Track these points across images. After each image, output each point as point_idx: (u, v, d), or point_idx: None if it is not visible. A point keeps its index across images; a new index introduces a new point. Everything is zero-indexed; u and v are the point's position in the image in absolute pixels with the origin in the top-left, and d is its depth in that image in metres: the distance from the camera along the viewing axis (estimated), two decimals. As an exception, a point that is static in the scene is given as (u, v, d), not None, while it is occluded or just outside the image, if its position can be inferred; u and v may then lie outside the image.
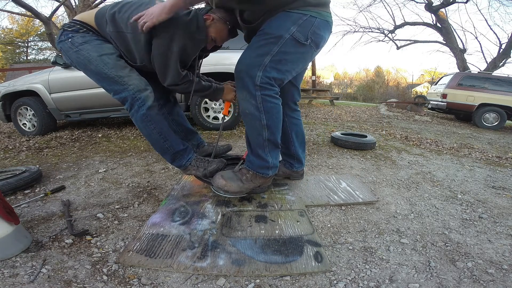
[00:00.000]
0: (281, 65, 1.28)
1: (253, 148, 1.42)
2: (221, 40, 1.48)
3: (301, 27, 1.25)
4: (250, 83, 1.27)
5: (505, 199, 1.81)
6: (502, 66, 11.12)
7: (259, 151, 1.39)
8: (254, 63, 1.26)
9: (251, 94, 1.28)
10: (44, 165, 2.31)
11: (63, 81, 3.40)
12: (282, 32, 1.25)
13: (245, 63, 1.29)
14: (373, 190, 1.83)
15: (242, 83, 1.30)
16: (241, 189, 1.46)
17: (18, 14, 11.12)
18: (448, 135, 4.65)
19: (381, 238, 1.31)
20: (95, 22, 1.43)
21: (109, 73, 1.37)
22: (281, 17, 1.27)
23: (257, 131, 1.35)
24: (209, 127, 3.40)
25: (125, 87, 1.38)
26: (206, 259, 1.11)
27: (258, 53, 1.27)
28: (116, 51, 1.43)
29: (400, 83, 26.57)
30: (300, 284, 1.01)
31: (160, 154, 1.59)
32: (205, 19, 1.38)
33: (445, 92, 7.10)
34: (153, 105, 1.45)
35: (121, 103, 1.44)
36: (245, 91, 1.30)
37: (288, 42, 1.25)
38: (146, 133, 1.49)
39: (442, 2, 10.98)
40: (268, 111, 1.30)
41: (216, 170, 1.54)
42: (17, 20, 21.50)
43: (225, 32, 1.44)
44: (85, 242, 1.22)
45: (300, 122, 1.70)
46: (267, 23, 1.30)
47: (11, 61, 22.91)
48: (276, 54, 1.26)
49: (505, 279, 1.06)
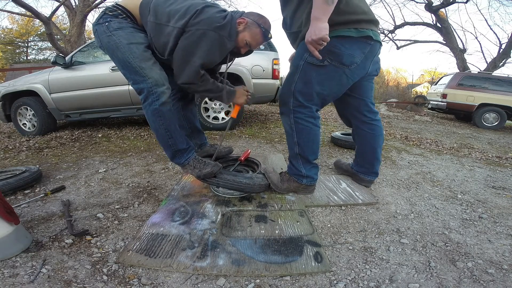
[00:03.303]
0: (307, 89, 1.45)
1: (290, 156, 1.65)
2: (256, 44, 1.51)
3: (325, 49, 1.31)
4: (286, 108, 1.53)
5: (505, 199, 1.81)
6: (502, 66, 11.12)
7: (293, 161, 1.63)
8: (286, 92, 1.51)
9: (287, 115, 1.53)
10: (44, 165, 2.31)
11: (63, 81, 3.40)
12: (298, 62, 1.45)
13: (282, 91, 1.55)
14: (373, 190, 1.83)
15: (283, 105, 1.55)
16: (278, 183, 1.65)
17: (18, 14, 11.10)
18: (448, 135, 4.65)
19: (381, 238, 1.31)
20: (140, 9, 1.44)
21: (132, 62, 1.39)
22: (300, 46, 1.44)
23: (290, 145, 1.60)
24: (209, 127, 3.40)
25: (145, 79, 1.40)
26: (206, 259, 1.11)
27: (288, 81, 1.51)
28: (145, 42, 1.45)
29: (400, 83, 26.53)
30: (300, 284, 1.01)
31: (163, 148, 1.60)
32: (239, 23, 1.41)
33: (445, 92, 7.10)
34: (166, 102, 1.46)
35: (137, 93, 1.46)
36: (284, 114, 1.56)
37: (304, 68, 1.43)
38: (154, 127, 1.50)
39: (442, 2, 10.97)
40: (298, 131, 1.53)
41: (209, 174, 1.54)
42: (17, 20, 21.47)
43: (259, 36, 1.47)
44: (85, 242, 1.22)
45: (368, 134, 1.77)
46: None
47: (11, 61, 22.91)
48: (297, 82, 1.46)
49: (505, 279, 1.06)
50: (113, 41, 1.39)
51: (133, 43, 1.40)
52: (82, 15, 8.21)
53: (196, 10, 1.36)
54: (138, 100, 3.33)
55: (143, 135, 3.33)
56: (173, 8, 1.39)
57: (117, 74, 3.30)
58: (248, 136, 3.31)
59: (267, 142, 3.04)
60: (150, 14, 1.41)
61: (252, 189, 1.58)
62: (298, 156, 1.58)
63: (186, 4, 1.40)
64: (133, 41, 1.40)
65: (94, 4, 8.49)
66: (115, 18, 1.42)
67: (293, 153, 1.59)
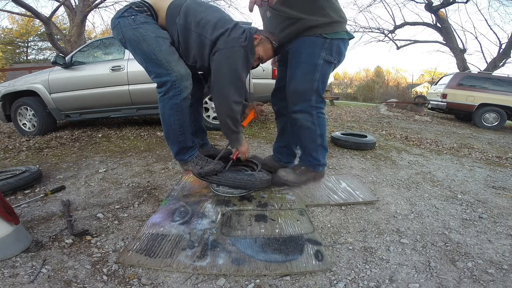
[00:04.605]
0: (324, 85, 1.60)
1: (306, 150, 1.70)
2: (267, 58, 1.60)
3: (328, 50, 1.52)
4: (306, 105, 1.57)
5: (505, 199, 1.81)
6: (502, 66, 11.09)
7: (313, 154, 1.68)
8: (308, 90, 1.56)
9: (308, 113, 1.58)
10: (44, 165, 2.31)
11: (63, 81, 3.40)
12: (315, 60, 1.53)
13: (299, 89, 1.57)
14: (373, 190, 1.83)
15: (301, 103, 1.58)
16: (297, 180, 1.71)
17: (18, 14, 11.09)
18: (448, 135, 4.65)
19: (381, 238, 1.31)
20: (168, 10, 1.48)
21: (159, 55, 1.40)
22: (308, 45, 1.52)
23: (310, 139, 1.65)
24: (209, 127, 3.40)
25: (169, 72, 1.41)
26: (206, 258, 1.11)
27: (305, 79, 1.55)
28: (170, 39, 1.48)
29: (400, 83, 26.54)
30: (300, 284, 1.01)
31: (170, 143, 1.59)
32: (255, 39, 1.49)
33: (445, 92, 7.09)
34: (187, 97, 1.48)
35: (157, 86, 1.47)
36: (303, 111, 1.59)
37: (323, 66, 1.54)
38: (168, 121, 1.50)
39: (442, 2, 10.96)
40: (320, 125, 1.62)
41: (212, 171, 1.55)
42: (17, 20, 21.45)
43: (271, 51, 1.57)
44: (85, 242, 1.22)
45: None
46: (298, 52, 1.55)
47: (11, 61, 22.89)
48: (319, 79, 1.55)
49: (505, 279, 1.06)
50: (139, 33, 1.40)
51: (160, 37, 1.42)
52: (82, 15, 8.21)
53: (227, 28, 1.44)
54: (138, 100, 3.39)
55: (143, 135, 3.33)
56: (204, 17, 1.45)
57: (117, 74, 3.31)
58: (248, 136, 3.31)
59: (267, 142, 3.04)
60: (180, 16, 1.45)
61: (253, 185, 1.58)
62: (319, 147, 1.66)
63: (216, 16, 1.47)
64: (160, 35, 1.43)
65: (94, 4, 8.49)
66: (141, 14, 1.44)
67: (314, 146, 1.66)
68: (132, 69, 3.26)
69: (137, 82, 3.27)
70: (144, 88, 3.26)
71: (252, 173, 1.65)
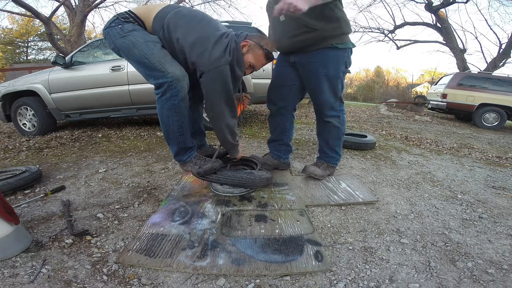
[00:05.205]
0: (342, 90, 1.81)
1: (332, 147, 1.89)
2: (259, 65, 1.56)
3: (346, 61, 1.71)
4: (334, 111, 1.80)
5: (505, 199, 1.81)
6: (502, 66, 11.08)
7: (338, 150, 1.91)
8: (332, 99, 1.77)
9: (337, 117, 1.82)
10: (44, 165, 2.31)
11: (63, 81, 3.40)
12: (338, 73, 1.71)
13: (325, 100, 1.77)
14: (373, 190, 1.83)
15: (329, 110, 1.79)
16: (323, 174, 1.90)
17: (18, 14, 11.09)
18: (448, 135, 4.65)
19: (381, 238, 1.31)
20: (153, 21, 1.48)
21: (151, 58, 1.40)
22: (333, 58, 1.65)
23: (338, 136, 1.88)
24: (208, 127, 3.40)
25: (164, 73, 1.41)
26: (206, 259, 1.11)
27: (335, 91, 1.75)
28: (160, 42, 1.48)
29: (400, 83, 26.55)
30: (300, 284, 1.01)
31: (169, 144, 1.60)
32: (242, 46, 1.46)
33: (445, 92, 7.09)
34: (185, 98, 1.48)
35: (155, 88, 1.47)
36: (333, 116, 1.81)
37: (343, 76, 1.76)
38: (167, 122, 1.50)
39: (442, 2, 10.96)
40: (343, 123, 1.86)
41: (210, 169, 1.56)
42: (17, 20, 21.45)
43: (262, 57, 1.53)
44: (85, 242, 1.22)
45: None
46: (326, 68, 1.66)
47: (11, 61, 22.89)
48: (341, 87, 1.78)
49: (505, 279, 1.06)
50: (128, 40, 1.41)
51: (150, 41, 1.43)
52: (82, 15, 8.21)
53: (206, 48, 1.40)
54: (138, 100, 3.39)
55: (143, 135, 3.33)
56: (181, 36, 1.44)
57: (117, 74, 3.31)
58: (248, 136, 3.31)
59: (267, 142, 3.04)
60: (163, 29, 1.46)
61: (253, 183, 1.58)
62: (341, 143, 1.92)
63: (195, 33, 1.43)
64: (150, 40, 1.43)
65: (94, 4, 8.49)
66: (128, 23, 1.45)
67: (339, 143, 1.90)
68: (132, 69, 3.24)
69: (137, 82, 3.26)
70: (144, 88, 3.26)
71: (251, 171, 1.65)
